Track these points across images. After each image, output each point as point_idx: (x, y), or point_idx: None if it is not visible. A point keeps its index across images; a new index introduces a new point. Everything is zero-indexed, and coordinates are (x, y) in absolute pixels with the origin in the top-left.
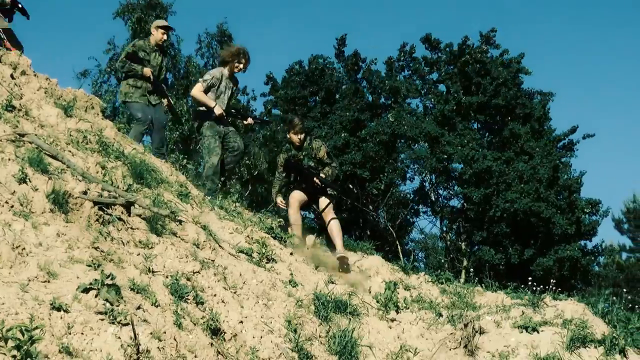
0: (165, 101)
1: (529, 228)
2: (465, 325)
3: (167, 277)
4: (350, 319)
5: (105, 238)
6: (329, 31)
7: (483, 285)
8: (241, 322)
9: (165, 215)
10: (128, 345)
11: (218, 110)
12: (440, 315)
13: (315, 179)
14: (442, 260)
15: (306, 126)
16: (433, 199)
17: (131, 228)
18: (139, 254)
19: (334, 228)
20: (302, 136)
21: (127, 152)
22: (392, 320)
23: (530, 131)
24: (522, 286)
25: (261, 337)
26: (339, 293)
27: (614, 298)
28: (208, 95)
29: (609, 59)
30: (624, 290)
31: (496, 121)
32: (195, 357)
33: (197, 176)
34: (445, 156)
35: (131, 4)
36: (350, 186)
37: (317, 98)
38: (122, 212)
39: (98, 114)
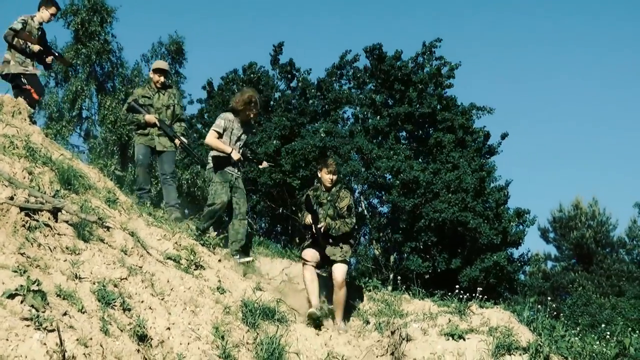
0: (177, 142)
1: (456, 237)
2: (393, 333)
3: (94, 283)
4: (278, 326)
5: (31, 244)
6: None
7: (410, 293)
8: (168, 328)
9: (93, 221)
10: (54, 352)
11: (236, 156)
12: (368, 322)
13: (314, 226)
14: (371, 268)
15: (339, 169)
16: (364, 207)
17: (58, 234)
18: (65, 260)
19: (340, 301)
20: (334, 178)
21: (55, 157)
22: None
23: (455, 139)
24: (449, 294)
25: (188, 344)
26: (267, 300)
27: (539, 306)
28: (222, 141)
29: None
30: (549, 298)
31: (421, 130)
32: None
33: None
34: (377, 171)
35: (74, 6)
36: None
37: None
38: (49, 218)
39: (25, 119)
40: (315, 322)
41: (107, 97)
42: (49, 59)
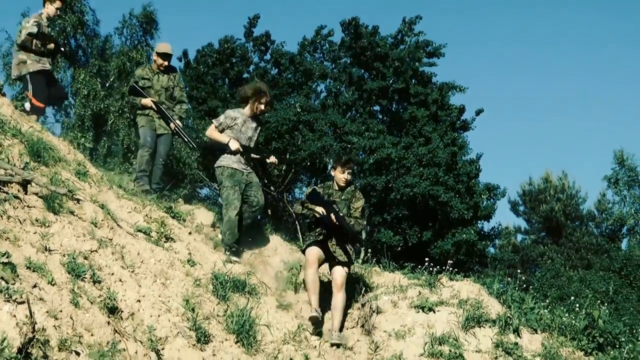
0: (172, 125)
1: (427, 211)
2: (363, 305)
3: (64, 255)
4: (248, 299)
5: (1, 216)
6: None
7: (381, 265)
8: (139, 301)
9: (63, 193)
10: (24, 324)
11: (234, 145)
12: None
13: (332, 215)
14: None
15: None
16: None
17: (28, 206)
18: (35, 233)
19: (338, 305)
20: (350, 177)
21: (25, 130)
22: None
23: (428, 114)
24: (420, 267)
25: (159, 316)
26: (238, 273)
27: (509, 279)
28: (227, 134)
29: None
30: (519, 271)
31: (395, 104)
32: (92, 335)
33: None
34: (349, 145)
35: None
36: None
37: (227, 78)
38: (18, 191)
39: None
40: (318, 325)
41: (81, 71)
42: (58, 54)
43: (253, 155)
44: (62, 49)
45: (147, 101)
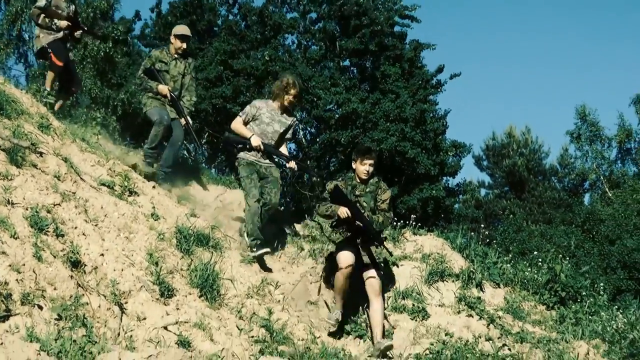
0: (182, 121)
1: (393, 167)
2: (326, 259)
3: (26, 209)
4: (212, 253)
5: None
6: None
7: None
8: (102, 254)
9: (26, 146)
10: None
11: (255, 142)
12: (302, 249)
13: (357, 221)
14: (308, 196)
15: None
16: (301, 135)
17: None
18: None
19: (378, 312)
20: (372, 168)
21: None
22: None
23: (401, 72)
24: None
25: (122, 270)
26: (201, 227)
27: (472, 233)
28: (248, 127)
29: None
30: (482, 226)
31: (366, 62)
32: (55, 289)
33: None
34: (316, 98)
35: None
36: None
37: (196, 30)
38: None
39: None
40: (336, 326)
41: None
42: (77, 33)
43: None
44: (85, 29)
45: (163, 89)
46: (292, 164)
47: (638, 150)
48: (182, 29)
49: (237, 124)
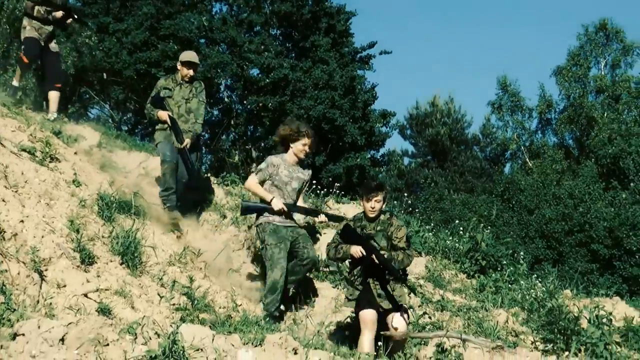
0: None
1: (320, 135)
2: (249, 227)
3: None
4: (134, 220)
5: None
6: None
7: None
8: (22, 221)
9: None
10: None
11: (277, 205)
12: (225, 216)
13: (373, 255)
14: (234, 164)
15: (388, 191)
16: (227, 101)
17: None
18: None
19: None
20: (379, 204)
21: None
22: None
23: (331, 43)
24: (308, 190)
25: (42, 237)
26: (123, 194)
27: (395, 202)
28: (265, 188)
29: None
30: (405, 195)
31: (298, 32)
32: None
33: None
34: (247, 63)
35: None
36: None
37: None
38: None
39: None
40: None
41: None
42: (69, 21)
43: (299, 215)
44: (76, 17)
45: (163, 114)
46: (322, 217)
47: (558, 120)
48: (187, 55)
49: (253, 185)
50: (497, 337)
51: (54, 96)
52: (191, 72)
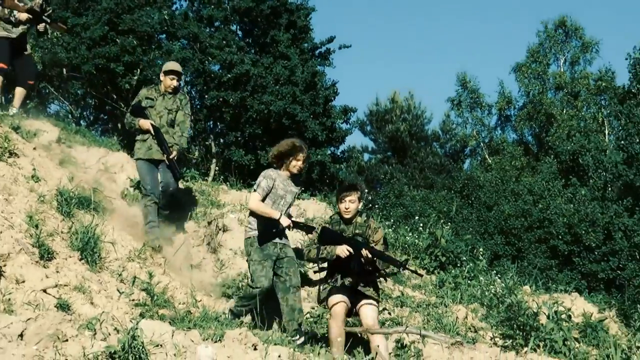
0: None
1: (281, 131)
2: (209, 223)
3: None
4: (93, 215)
5: None
6: None
7: (228, 183)
8: None
9: None
10: None
11: (285, 222)
12: (185, 213)
13: (364, 250)
14: (195, 160)
15: (362, 191)
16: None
17: None
18: None
19: (382, 352)
20: (353, 205)
21: None
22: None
23: (291, 39)
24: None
25: (1, 232)
26: (83, 189)
27: None
28: (266, 203)
29: None
30: (366, 191)
31: (258, 28)
32: None
33: None
34: (209, 58)
35: None
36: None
37: None
38: None
39: None
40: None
41: None
42: (41, 27)
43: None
44: (44, 20)
45: (145, 123)
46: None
47: (517, 117)
48: (171, 65)
49: (258, 205)
50: (457, 333)
51: (20, 92)
52: (175, 82)
